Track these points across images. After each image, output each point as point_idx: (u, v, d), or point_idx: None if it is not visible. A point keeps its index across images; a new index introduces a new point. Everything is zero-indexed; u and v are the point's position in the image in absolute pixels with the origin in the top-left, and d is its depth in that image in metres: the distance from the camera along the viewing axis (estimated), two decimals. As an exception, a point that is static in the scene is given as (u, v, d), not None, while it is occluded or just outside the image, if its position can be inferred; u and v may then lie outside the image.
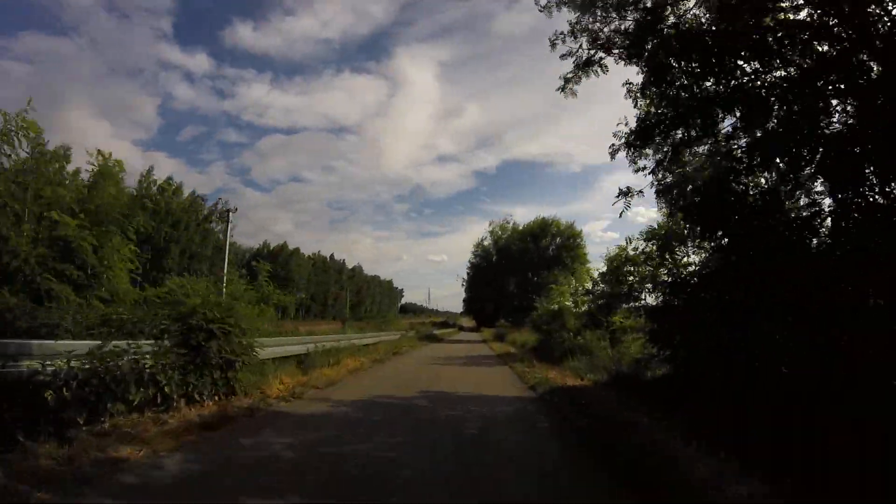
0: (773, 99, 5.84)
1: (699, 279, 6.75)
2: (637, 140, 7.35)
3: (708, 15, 6.86)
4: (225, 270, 27.21)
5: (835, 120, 5.54)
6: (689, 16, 7.10)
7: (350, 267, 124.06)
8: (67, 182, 13.54)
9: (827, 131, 5.41)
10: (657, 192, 7.70)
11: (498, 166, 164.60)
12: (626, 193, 7.49)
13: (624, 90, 7.73)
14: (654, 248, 9.28)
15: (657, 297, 8.75)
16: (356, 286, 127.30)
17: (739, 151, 6.20)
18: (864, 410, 3.69)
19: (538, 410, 8.46)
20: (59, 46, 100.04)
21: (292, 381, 9.88)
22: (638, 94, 7.53)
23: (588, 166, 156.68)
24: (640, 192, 7.57)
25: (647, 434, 5.12)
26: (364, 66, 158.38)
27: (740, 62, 6.28)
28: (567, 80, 8.82)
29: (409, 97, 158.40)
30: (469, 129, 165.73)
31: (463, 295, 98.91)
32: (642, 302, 10.47)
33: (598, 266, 15.56)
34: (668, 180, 7.57)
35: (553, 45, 8.49)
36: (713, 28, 6.44)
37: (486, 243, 54.75)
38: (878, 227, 4.38)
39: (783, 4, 6.14)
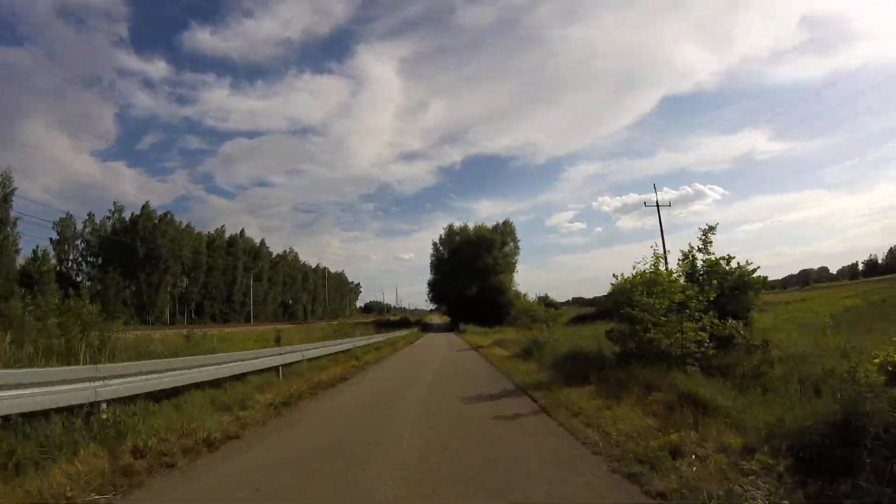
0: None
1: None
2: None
3: None
4: None
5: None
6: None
7: (275, 252, 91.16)
8: None
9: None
10: None
11: (463, 161, 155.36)
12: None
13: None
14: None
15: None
16: (288, 277, 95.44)
17: None
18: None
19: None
20: (14, 57, 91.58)
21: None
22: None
23: (552, 158, 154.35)
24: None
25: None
26: (326, 65, 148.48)
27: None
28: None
29: (373, 95, 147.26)
30: (434, 125, 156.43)
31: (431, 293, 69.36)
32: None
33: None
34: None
35: None
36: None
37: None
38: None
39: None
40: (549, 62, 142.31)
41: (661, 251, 10.77)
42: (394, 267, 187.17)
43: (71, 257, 61.61)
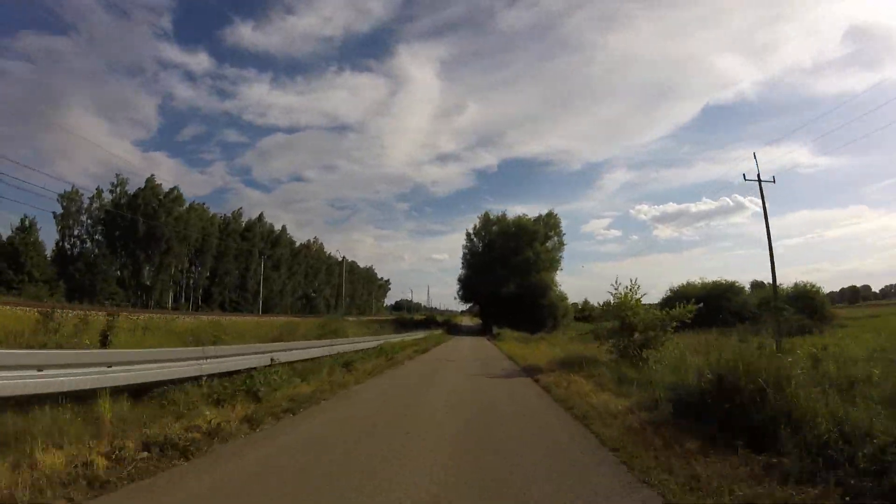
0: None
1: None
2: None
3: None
4: None
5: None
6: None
7: (297, 242, 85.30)
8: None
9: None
10: None
11: (499, 165, 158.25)
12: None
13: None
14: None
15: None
16: (311, 268, 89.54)
17: None
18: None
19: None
20: (58, 45, 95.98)
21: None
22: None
23: (588, 164, 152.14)
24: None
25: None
26: (365, 64, 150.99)
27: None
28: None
29: (411, 95, 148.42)
30: (469, 127, 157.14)
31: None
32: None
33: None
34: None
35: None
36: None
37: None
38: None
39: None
40: (586, 68, 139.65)
41: None
42: (426, 267, 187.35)
43: (75, 233, 57.23)
